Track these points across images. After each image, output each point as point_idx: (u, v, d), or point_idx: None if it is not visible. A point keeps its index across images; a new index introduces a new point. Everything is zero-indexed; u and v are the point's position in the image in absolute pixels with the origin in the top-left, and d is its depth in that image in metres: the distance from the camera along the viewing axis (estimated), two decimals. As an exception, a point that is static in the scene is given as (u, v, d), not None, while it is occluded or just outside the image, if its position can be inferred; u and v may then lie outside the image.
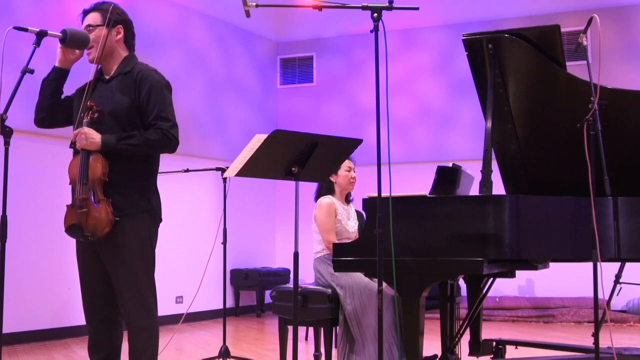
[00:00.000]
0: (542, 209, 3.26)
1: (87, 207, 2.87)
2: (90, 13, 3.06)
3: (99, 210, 2.86)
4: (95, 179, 2.88)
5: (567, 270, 5.97)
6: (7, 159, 2.59)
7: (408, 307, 3.22)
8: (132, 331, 2.94)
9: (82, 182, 2.89)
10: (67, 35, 2.90)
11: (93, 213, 2.86)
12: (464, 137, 8.79)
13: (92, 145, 2.88)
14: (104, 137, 2.89)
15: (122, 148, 2.89)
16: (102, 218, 2.85)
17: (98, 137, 2.89)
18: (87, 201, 2.87)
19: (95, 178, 2.89)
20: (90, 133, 2.89)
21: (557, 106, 3.72)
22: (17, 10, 6.42)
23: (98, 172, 2.88)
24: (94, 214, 2.86)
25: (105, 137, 2.89)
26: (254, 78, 9.51)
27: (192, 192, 8.10)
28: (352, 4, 3.01)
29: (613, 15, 8.33)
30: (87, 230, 2.87)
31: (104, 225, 2.86)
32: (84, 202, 2.87)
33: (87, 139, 2.88)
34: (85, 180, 2.89)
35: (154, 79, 2.99)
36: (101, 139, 2.88)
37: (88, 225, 2.86)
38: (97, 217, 2.86)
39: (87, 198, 2.87)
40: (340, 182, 4.38)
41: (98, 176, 2.88)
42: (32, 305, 6.36)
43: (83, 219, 2.87)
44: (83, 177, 2.89)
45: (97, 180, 2.88)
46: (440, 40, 9.14)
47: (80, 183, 2.89)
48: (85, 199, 2.87)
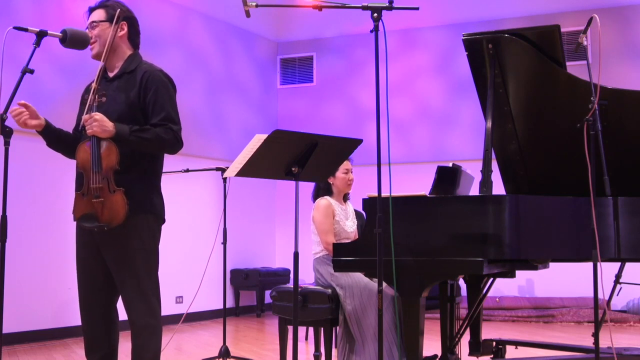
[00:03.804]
0: (542, 209, 3.26)
1: (103, 197, 2.82)
2: (96, 10, 3.06)
3: (115, 201, 2.82)
4: (109, 167, 2.84)
5: (567, 270, 5.96)
6: (7, 159, 2.59)
7: (408, 307, 3.22)
8: (136, 331, 2.93)
9: (96, 171, 2.84)
10: (67, 35, 2.89)
11: (109, 203, 2.82)
12: (464, 137, 8.79)
13: (104, 133, 2.83)
14: (117, 125, 2.85)
15: (133, 140, 2.85)
16: (119, 209, 2.82)
17: (111, 125, 2.84)
18: (103, 190, 2.83)
19: (109, 167, 2.84)
20: (103, 120, 2.82)
21: (557, 106, 3.72)
22: (17, 10, 6.42)
23: (112, 161, 2.84)
24: (110, 205, 2.82)
25: (119, 126, 2.85)
26: (254, 78, 9.51)
27: (192, 192, 8.10)
28: (352, 4, 3.01)
29: (613, 15, 8.33)
30: (103, 220, 2.82)
31: (122, 216, 2.82)
32: (100, 191, 2.83)
33: (99, 125, 2.81)
34: (98, 169, 2.84)
35: (161, 80, 2.97)
36: (115, 127, 2.84)
37: (104, 215, 2.82)
38: (114, 207, 2.82)
39: (103, 187, 2.83)
40: (338, 183, 4.38)
41: (112, 165, 2.84)
42: (32, 305, 6.36)
43: (98, 209, 2.82)
44: (96, 165, 2.84)
45: (111, 169, 2.84)
46: (440, 40, 9.14)
47: (93, 171, 2.84)
48: (100, 188, 2.83)
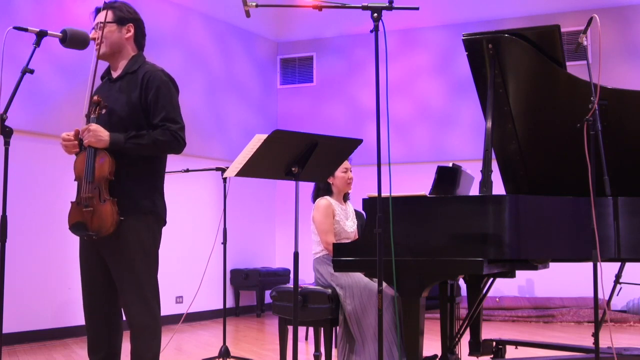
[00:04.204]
0: (542, 209, 3.26)
1: (92, 206, 2.86)
2: (102, 11, 3.07)
3: (104, 210, 2.85)
4: (102, 178, 2.87)
5: (567, 270, 5.96)
6: (7, 159, 2.59)
7: (408, 307, 3.22)
8: (135, 332, 2.93)
9: (88, 180, 2.87)
10: (67, 35, 2.90)
11: (98, 212, 2.85)
12: (464, 137, 8.79)
13: (99, 142, 2.86)
14: (112, 135, 2.88)
15: (129, 147, 2.88)
16: (107, 218, 2.84)
17: (106, 134, 2.87)
18: (93, 200, 2.86)
19: (101, 177, 2.87)
20: (97, 130, 2.86)
21: (557, 106, 3.72)
22: (17, 10, 6.42)
23: (105, 171, 2.86)
24: (99, 214, 2.85)
25: (113, 136, 2.88)
26: (254, 78, 9.51)
27: (192, 192, 8.10)
28: (352, 4, 3.00)
29: (613, 15, 8.33)
30: (92, 230, 2.86)
31: (109, 225, 2.84)
32: (90, 200, 2.86)
33: (94, 135, 2.85)
34: (91, 179, 2.87)
35: (162, 79, 2.98)
36: (109, 137, 2.87)
37: (93, 224, 2.85)
38: (103, 217, 2.84)
39: (92, 197, 2.86)
40: (338, 183, 4.38)
41: (105, 175, 2.87)
42: (32, 305, 6.36)
43: (88, 218, 2.86)
44: (89, 175, 2.87)
45: (103, 179, 2.87)
46: (440, 40, 9.14)
47: (86, 181, 2.88)
48: (91, 197, 2.86)
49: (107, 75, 3.12)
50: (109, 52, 3.04)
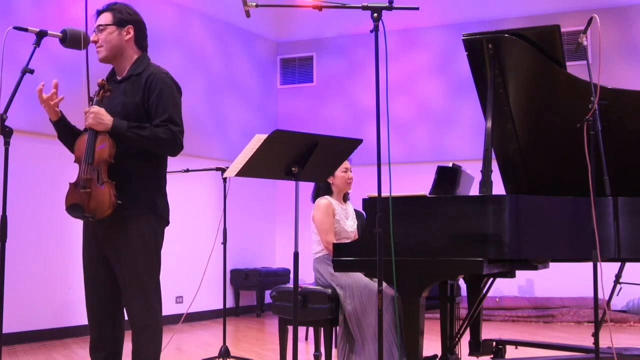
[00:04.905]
0: (542, 209, 3.26)
1: (90, 188, 2.85)
2: (103, 13, 3.07)
3: (102, 192, 2.84)
4: (101, 160, 2.87)
5: (567, 270, 5.96)
6: (7, 159, 2.59)
7: (408, 307, 3.22)
8: (136, 331, 2.94)
9: (87, 162, 2.87)
10: (66, 35, 2.90)
11: (96, 195, 2.85)
12: (464, 137, 8.79)
13: (100, 125, 2.87)
14: (115, 120, 2.88)
15: (130, 136, 2.88)
16: (105, 200, 2.84)
17: (109, 119, 2.87)
18: (91, 182, 2.85)
19: (101, 159, 2.87)
20: (99, 113, 2.87)
21: (557, 106, 3.72)
22: (17, 10, 6.42)
23: (105, 154, 2.86)
24: (96, 196, 2.84)
25: (117, 121, 2.88)
26: (254, 78, 9.51)
27: (192, 192, 8.09)
28: (352, 4, 3.01)
29: (613, 15, 8.33)
30: (88, 211, 2.85)
31: (106, 208, 2.84)
32: (88, 182, 2.85)
33: (95, 118, 2.86)
34: (90, 160, 2.87)
35: (166, 82, 2.99)
36: (112, 122, 2.87)
37: (90, 206, 2.85)
38: (100, 199, 2.84)
39: (91, 179, 2.86)
40: (338, 183, 4.38)
41: (104, 157, 2.87)
42: (32, 305, 6.36)
43: (85, 200, 2.85)
44: (89, 157, 2.87)
45: (102, 162, 2.87)
46: (440, 40, 9.14)
47: (86, 162, 2.88)
48: (89, 179, 2.86)
49: (112, 77, 3.12)
50: (111, 56, 3.05)
